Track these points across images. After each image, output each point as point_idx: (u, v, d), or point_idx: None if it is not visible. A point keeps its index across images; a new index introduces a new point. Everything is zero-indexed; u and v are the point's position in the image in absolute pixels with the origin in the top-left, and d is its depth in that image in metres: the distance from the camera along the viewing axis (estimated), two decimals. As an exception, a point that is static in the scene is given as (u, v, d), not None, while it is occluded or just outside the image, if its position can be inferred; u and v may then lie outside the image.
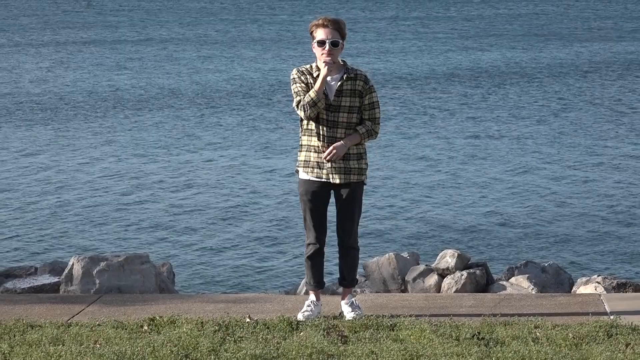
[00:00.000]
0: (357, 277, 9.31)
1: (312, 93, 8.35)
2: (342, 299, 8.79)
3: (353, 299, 8.76)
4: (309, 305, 8.67)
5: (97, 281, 9.81)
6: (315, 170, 8.55)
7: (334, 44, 8.44)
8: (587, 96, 32.24)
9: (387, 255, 10.51)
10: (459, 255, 10.29)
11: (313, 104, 8.34)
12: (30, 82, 35.13)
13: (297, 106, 8.46)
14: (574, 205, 18.93)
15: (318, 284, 8.78)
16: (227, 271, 15.22)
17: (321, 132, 8.50)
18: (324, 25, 8.50)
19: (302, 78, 8.51)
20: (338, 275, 8.96)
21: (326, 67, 8.34)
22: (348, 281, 8.79)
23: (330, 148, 8.40)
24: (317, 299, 8.75)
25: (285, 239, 16.72)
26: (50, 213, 18.48)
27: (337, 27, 8.52)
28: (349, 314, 8.60)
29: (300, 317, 8.53)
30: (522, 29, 55.15)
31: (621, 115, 28.79)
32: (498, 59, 42.05)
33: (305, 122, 8.55)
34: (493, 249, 16.12)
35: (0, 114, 28.77)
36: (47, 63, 40.35)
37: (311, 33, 8.56)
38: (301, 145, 8.67)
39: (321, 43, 8.45)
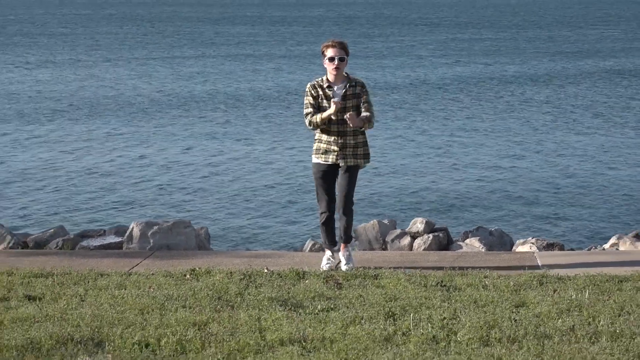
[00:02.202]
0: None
1: (318, 118, 8.58)
2: (339, 251, 8.84)
3: (348, 252, 8.81)
4: (328, 259, 8.81)
5: (151, 240, 9.84)
6: (324, 155, 8.63)
7: (341, 59, 8.61)
8: (534, 100, 32.27)
9: (371, 221, 10.52)
10: (426, 222, 10.30)
11: (316, 125, 8.58)
12: (125, 89, 35.12)
13: (305, 117, 8.65)
14: (516, 184, 18.94)
15: (332, 243, 8.88)
16: (251, 233, 15.24)
17: (332, 128, 8.62)
18: (332, 46, 8.65)
19: (313, 92, 8.68)
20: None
21: (334, 108, 8.46)
22: (345, 238, 8.86)
23: (351, 114, 8.45)
24: (332, 254, 8.81)
25: (294, 210, 16.74)
26: (116, 188, 18.50)
27: (342, 46, 8.68)
28: (344, 265, 8.67)
29: (324, 267, 8.68)
30: (489, 49, 55.10)
31: (560, 114, 28.81)
32: (468, 72, 42.03)
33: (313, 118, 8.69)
34: (452, 217, 16.13)
35: (97, 111, 28.78)
36: (135, 73, 40.37)
37: (322, 52, 8.73)
38: (315, 138, 8.79)
39: (331, 59, 8.61)
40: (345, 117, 8.47)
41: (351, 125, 8.48)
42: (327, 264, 8.72)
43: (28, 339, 6.32)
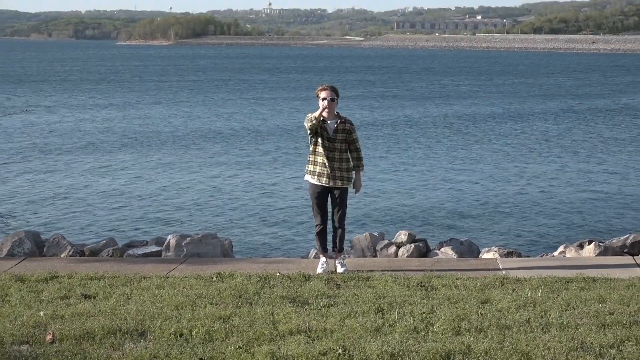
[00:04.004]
0: (345, 247, 9.37)
1: (312, 117, 8.63)
2: (335, 259, 8.86)
3: (342, 260, 8.83)
4: (322, 264, 8.78)
5: (185, 250, 9.86)
6: (318, 177, 8.71)
7: (332, 99, 8.64)
8: (499, 133, 32.27)
9: (364, 234, 10.54)
10: (409, 234, 10.31)
11: (311, 121, 8.63)
12: (168, 125, 35.15)
13: (305, 121, 8.71)
14: (483, 203, 18.93)
15: (325, 250, 8.87)
16: (266, 244, 15.23)
17: (324, 154, 8.68)
18: (325, 89, 8.74)
19: (310, 116, 8.68)
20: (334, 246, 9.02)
21: (321, 111, 8.65)
22: (339, 248, 8.87)
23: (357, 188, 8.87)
24: (326, 259, 8.81)
25: (302, 224, 16.72)
26: (156, 207, 18.52)
27: (333, 89, 8.76)
28: (339, 269, 8.68)
29: (319, 271, 8.65)
30: (464, 93, 55.25)
31: (520, 145, 28.80)
32: (445, 111, 42.11)
33: (312, 146, 8.76)
34: (430, 230, 16.11)
35: (145, 144, 28.83)
36: (176, 113, 40.44)
37: (317, 94, 8.75)
38: (309, 161, 8.84)
39: (324, 99, 8.62)
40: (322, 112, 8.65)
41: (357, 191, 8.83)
42: (321, 268, 8.72)
43: (84, 330, 6.33)
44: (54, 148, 27.87)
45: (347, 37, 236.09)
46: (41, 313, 6.84)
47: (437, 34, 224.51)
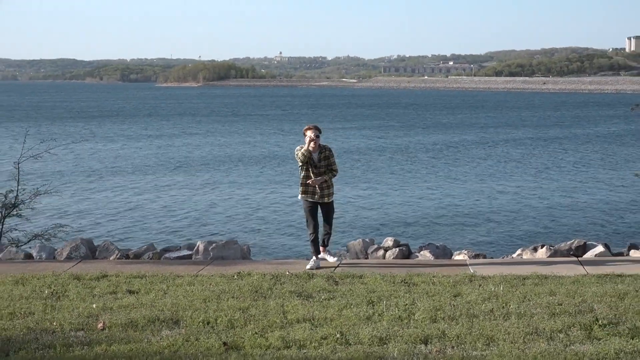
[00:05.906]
0: (341, 252, 9.45)
1: (303, 151, 8.90)
2: (323, 252, 9.19)
3: (329, 251, 9.19)
4: (312, 262, 9.06)
5: (211, 253, 9.86)
6: (311, 195, 9.04)
7: (316, 136, 8.82)
8: (471, 156, 32.28)
9: (358, 239, 10.52)
10: (394, 240, 10.30)
11: (302, 156, 8.91)
12: (196, 151, 35.19)
13: (296, 155, 8.98)
14: (454, 213, 18.91)
15: (317, 252, 9.13)
16: (277, 248, 15.21)
17: (311, 176, 9.00)
18: (310, 128, 9.06)
19: (302, 150, 8.85)
20: (333, 255, 9.07)
21: (308, 145, 8.91)
22: (326, 244, 9.14)
23: (313, 181, 8.97)
24: (316, 259, 9.04)
25: (304, 231, 16.69)
26: (189, 218, 18.52)
27: (317, 129, 9.01)
28: (330, 258, 9.09)
29: (308, 267, 8.87)
30: (439, 123, 55.28)
31: (489, 166, 28.79)
32: (425, 139, 42.12)
33: (304, 172, 9.06)
34: (412, 236, 16.09)
35: (178, 167, 28.85)
36: (202, 141, 40.47)
37: (304, 132, 8.96)
38: (301, 184, 9.12)
39: (310, 136, 8.80)
40: (309, 182, 8.92)
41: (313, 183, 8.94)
42: (309, 265, 8.97)
43: (129, 319, 6.34)
44: (105, 171, 27.94)
45: (344, 79, 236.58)
46: (94, 305, 6.85)
47: (419, 77, 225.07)
